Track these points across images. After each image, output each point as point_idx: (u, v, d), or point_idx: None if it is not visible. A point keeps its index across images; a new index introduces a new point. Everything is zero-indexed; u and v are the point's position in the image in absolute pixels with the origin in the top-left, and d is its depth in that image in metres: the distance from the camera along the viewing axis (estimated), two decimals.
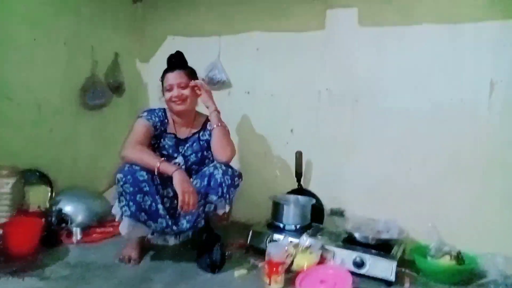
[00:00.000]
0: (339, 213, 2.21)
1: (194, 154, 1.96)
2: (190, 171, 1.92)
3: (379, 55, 2.12)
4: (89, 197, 2.27)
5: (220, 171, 1.80)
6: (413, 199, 2.05)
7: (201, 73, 2.07)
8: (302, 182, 2.29)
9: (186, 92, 1.91)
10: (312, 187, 2.31)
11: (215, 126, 1.90)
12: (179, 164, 1.91)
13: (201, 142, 1.99)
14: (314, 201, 2.12)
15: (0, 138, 2.06)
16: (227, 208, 1.85)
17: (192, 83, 1.94)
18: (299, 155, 2.26)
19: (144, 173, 1.72)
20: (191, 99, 1.93)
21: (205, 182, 1.80)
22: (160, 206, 1.74)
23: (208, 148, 1.97)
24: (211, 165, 1.86)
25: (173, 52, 2.00)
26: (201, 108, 2.02)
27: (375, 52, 2.13)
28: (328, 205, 2.25)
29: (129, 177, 1.70)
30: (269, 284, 1.62)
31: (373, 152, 2.15)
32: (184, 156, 1.95)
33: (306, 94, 2.32)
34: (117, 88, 2.63)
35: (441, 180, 2.00)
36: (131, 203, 1.70)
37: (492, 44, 1.88)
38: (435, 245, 1.83)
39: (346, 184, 2.22)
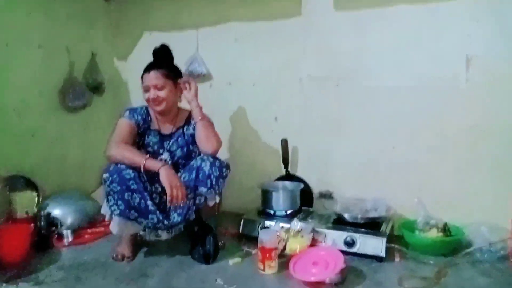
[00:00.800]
0: (327, 195, 2.26)
1: (179, 149, 1.99)
2: (177, 166, 1.95)
3: (358, 37, 2.15)
4: (77, 198, 2.28)
5: (208, 163, 1.84)
6: (400, 175, 2.11)
7: (179, 67, 2.07)
8: (289, 168, 2.33)
9: (162, 94, 1.91)
10: (299, 173, 2.36)
11: (199, 119, 1.93)
12: (165, 160, 1.94)
13: (186, 137, 2.01)
14: (302, 185, 2.17)
15: None
16: (217, 199, 1.89)
17: (181, 80, 1.96)
18: (284, 143, 2.30)
19: (131, 171, 1.75)
20: (168, 100, 1.93)
21: (193, 175, 1.83)
22: (149, 202, 1.77)
23: (194, 142, 1.99)
24: (198, 157, 1.89)
25: (152, 48, 2.01)
26: (184, 103, 2.05)
27: (354, 35, 2.16)
28: (316, 188, 2.30)
29: (115, 176, 1.73)
30: (263, 270, 1.67)
31: (359, 133, 2.20)
32: (169, 152, 1.98)
33: (288, 81, 2.35)
34: (97, 88, 2.62)
35: (427, 155, 2.05)
36: (119, 202, 1.73)
37: (465, 20, 1.94)
38: (422, 219, 1.90)
39: (334, 166, 2.27)
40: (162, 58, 1.99)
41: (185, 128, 2.03)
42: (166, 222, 1.80)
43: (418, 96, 2.05)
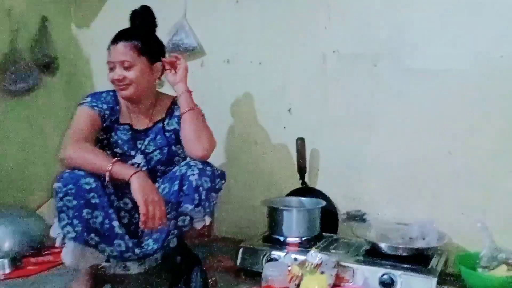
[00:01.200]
0: (358, 217, 2.25)
1: (158, 151, 1.97)
2: (154, 174, 1.93)
3: (402, 0, 2.14)
4: (18, 216, 2.27)
5: (196, 170, 1.82)
6: (456, 191, 2.09)
7: (161, 38, 2.05)
8: (306, 179, 2.32)
9: (131, 74, 1.88)
10: (320, 185, 2.35)
11: (186, 110, 1.91)
12: (138, 165, 1.93)
13: (167, 134, 2.00)
14: (324, 203, 2.15)
15: None
16: (207, 220, 1.87)
17: (166, 59, 1.95)
18: (301, 143, 2.28)
19: (92, 180, 1.73)
20: (139, 83, 1.90)
21: (176, 187, 1.81)
22: (115, 223, 1.75)
23: (178, 140, 1.98)
24: (183, 163, 1.88)
25: (123, 12, 2.00)
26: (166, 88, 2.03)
27: None
28: (343, 207, 2.30)
29: (71, 186, 1.71)
30: None
31: (402, 132, 2.19)
32: (144, 154, 1.96)
33: (307, 59, 2.34)
34: (48, 65, 2.62)
35: (493, 162, 2.03)
36: (75, 221, 1.71)
37: None
38: (486, 252, 1.86)
39: (366, 178, 2.26)
40: (141, 26, 1.97)
41: (166, 122, 2.01)
42: (137, 250, 1.78)
43: (480, 83, 2.03)
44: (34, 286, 1.95)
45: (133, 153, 1.96)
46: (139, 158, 1.95)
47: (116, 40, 1.91)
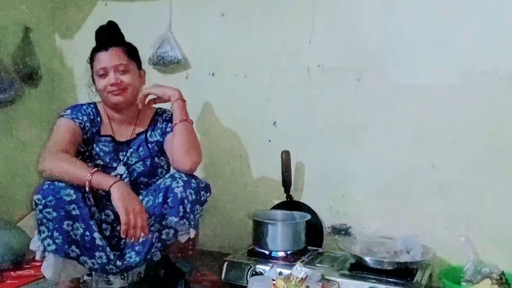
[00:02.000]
0: (343, 231, 2.25)
1: (141, 162, 1.96)
2: (137, 186, 1.92)
3: (388, 14, 2.16)
4: None
5: (181, 183, 1.80)
6: (439, 204, 2.10)
7: (146, 51, 2.05)
8: (292, 192, 2.32)
9: (127, 79, 1.89)
10: (305, 198, 2.34)
11: (178, 120, 1.90)
12: (121, 176, 1.91)
13: (150, 145, 1.99)
14: (309, 217, 2.14)
15: None
16: (192, 233, 1.85)
17: (145, 91, 1.95)
18: (286, 156, 2.28)
19: (72, 191, 1.70)
20: (133, 88, 1.92)
21: (160, 199, 1.79)
22: (96, 235, 1.73)
23: (161, 152, 1.97)
24: (167, 175, 1.86)
25: (104, 23, 1.99)
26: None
27: (383, 11, 2.17)
28: (328, 221, 2.29)
29: (50, 198, 1.68)
30: None
31: (386, 145, 2.20)
32: (127, 165, 1.94)
33: (292, 73, 2.35)
34: (30, 76, 2.60)
35: (476, 176, 2.05)
36: (56, 234, 1.68)
37: None
38: (470, 266, 1.87)
39: (351, 191, 2.27)
40: (111, 40, 1.94)
41: (149, 133, 2.00)
42: (119, 262, 1.76)
43: (463, 97, 2.06)
44: None
45: (115, 164, 1.93)
46: (121, 170, 1.93)
47: (104, 46, 1.90)
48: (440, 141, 2.11)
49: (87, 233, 1.72)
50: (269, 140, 2.42)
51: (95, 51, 1.93)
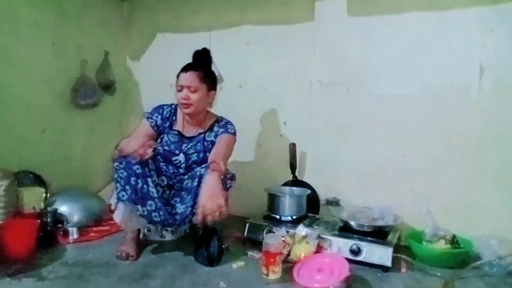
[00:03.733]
0: (334, 202, 2.22)
1: (196, 154, 1.95)
2: (190, 169, 1.92)
3: (369, 43, 2.13)
4: (84, 196, 2.27)
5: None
6: (407, 184, 2.07)
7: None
8: (297, 173, 2.30)
9: (194, 97, 1.87)
10: (307, 178, 2.32)
11: (209, 171, 1.73)
12: (179, 161, 1.92)
13: (206, 143, 1.97)
14: (309, 191, 2.13)
15: None
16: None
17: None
18: (292, 147, 2.27)
19: (135, 160, 1.72)
20: (198, 105, 1.89)
21: (195, 183, 1.78)
22: (151, 189, 1.74)
23: (212, 149, 1.94)
24: (204, 165, 1.83)
25: (164, 49, 2.00)
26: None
27: (365, 41, 2.14)
28: (323, 195, 2.27)
29: (123, 162, 1.73)
30: (267, 275, 1.63)
31: (367, 140, 2.17)
32: (185, 154, 1.94)
33: (298, 85, 2.33)
34: (108, 87, 2.62)
35: (435, 163, 2.02)
36: (127, 187, 1.72)
37: (479, 29, 1.90)
38: (430, 230, 1.85)
39: (341, 173, 2.24)
40: (201, 62, 1.95)
41: (207, 134, 1.98)
42: (163, 212, 1.74)
43: (427, 104, 2.03)
44: (95, 248, 1.94)
45: (177, 152, 1.94)
46: (181, 157, 1.94)
47: (186, 69, 1.89)
48: (407, 137, 2.08)
49: (145, 186, 1.74)
50: (280, 135, 2.41)
51: (181, 70, 1.91)
